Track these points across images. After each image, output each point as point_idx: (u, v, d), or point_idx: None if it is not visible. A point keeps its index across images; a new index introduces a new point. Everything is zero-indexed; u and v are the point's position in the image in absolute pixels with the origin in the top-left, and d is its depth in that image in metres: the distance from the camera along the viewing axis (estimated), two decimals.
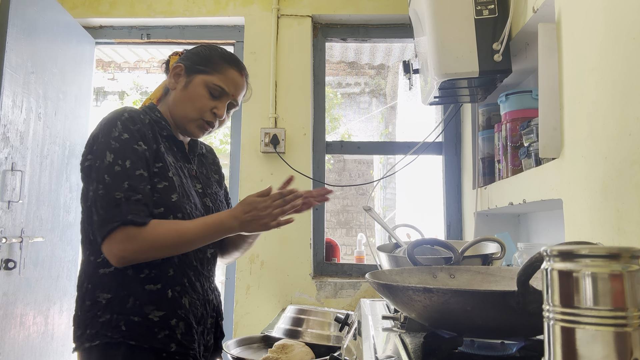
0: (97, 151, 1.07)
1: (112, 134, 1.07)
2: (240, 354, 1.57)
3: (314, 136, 2.38)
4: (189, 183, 1.19)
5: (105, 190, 1.03)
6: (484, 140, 1.83)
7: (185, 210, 1.12)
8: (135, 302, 1.06)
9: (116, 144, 1.06)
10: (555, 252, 0.49)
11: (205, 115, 1.20)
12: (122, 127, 1.08)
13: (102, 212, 1.02)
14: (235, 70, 1.22)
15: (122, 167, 1.04)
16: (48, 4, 2.12)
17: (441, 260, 1.19)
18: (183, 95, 1.20)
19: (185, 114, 1.19)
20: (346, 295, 2.18)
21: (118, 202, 1.02)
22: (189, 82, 1.20)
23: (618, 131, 0.87)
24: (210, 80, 1.19)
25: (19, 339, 1.92)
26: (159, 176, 1.10)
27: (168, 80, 1.23)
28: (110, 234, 1.01)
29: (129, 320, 1.04)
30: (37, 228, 2.03)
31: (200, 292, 1.16)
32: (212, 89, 1.19)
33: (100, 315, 1.05)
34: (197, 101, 1.18)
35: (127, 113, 1.10)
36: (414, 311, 0.77)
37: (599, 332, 0.46)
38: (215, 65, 1.20)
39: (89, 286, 1.08)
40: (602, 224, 0.92)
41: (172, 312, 1.08)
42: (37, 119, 2.04)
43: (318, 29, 2.44)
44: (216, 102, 1.20)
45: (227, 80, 1.21)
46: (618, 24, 0.88)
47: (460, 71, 1.42)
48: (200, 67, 1.20)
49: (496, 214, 1.90)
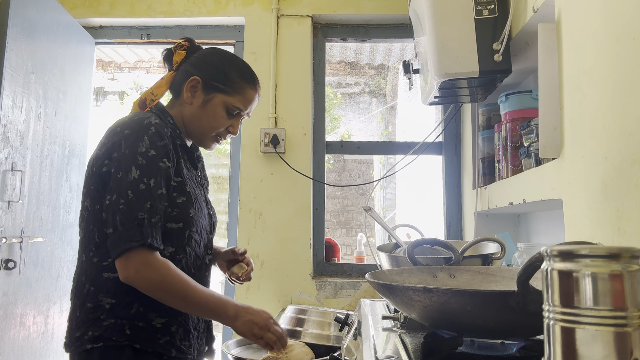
0: (121, 162, 1.05)
1: (138, 148, 1.05)
2: (240, 354, 1.57)
3: (314, 136, 2.38)
4: (200, 193, 1.20)
5: (128, 206, 1.02)
6: (484, 140, 1.83)
7: (199, 223, 1.14)
8: (139, 308, 1.06)
9: (143, 160, 1.05)
10: (555, 252, 0.49)
11: (221, 133, 1.22)
12: (149, 143, 1.06)
13: (121, 228, 1.01)
14: (253, 89, 1.22)
15: (146, 186, 1.04)
16: (48, 4, 2.12)
17: (441, 260, 1.19)
18: (201, 113, 1.19)
19: (202, 131, 1.20)
20: (346, 295, 2.18)
21: (140, 222, 1.01)
22: (207, 100, 1.18)
23: (618, 131, 0.87)
24: (230, 101, 1.19)
25: (19, 339, 1.92)
26: (178, 191, 1.11)
27: (185, 94, 1.19)
28: (127, 252, 1.01)
29: (133, 325, 1.05)
30: (37, 228, 2.03)
31: None
32: (230, 109, 1.20)
33: (103, 318, 1.04)
34: (214, 121, 1.19)
35: (154, 127, 1.08)
36: (414, 311, 0.77)
37: (599, 332, 0.46)
38: (234, 85, 1.19)
39: (92, 288, 1.07)
40: (602, 224, 0.92)
41: (173, 318, 1.10)
42: (37, 119, 2.04)
43: (318, 29, 2.44)
44: (232, 121, 1.22)
45: (246, 100, 1.21)
46: (618, 24, 0.88)
47: (460, 71, 1.42)
48: (220, 86, 1.19)
49: (496, 214, 1.90)
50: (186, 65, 1.22)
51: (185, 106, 1.20)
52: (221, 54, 1.23)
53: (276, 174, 2.27)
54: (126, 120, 1.11)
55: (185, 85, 1.19)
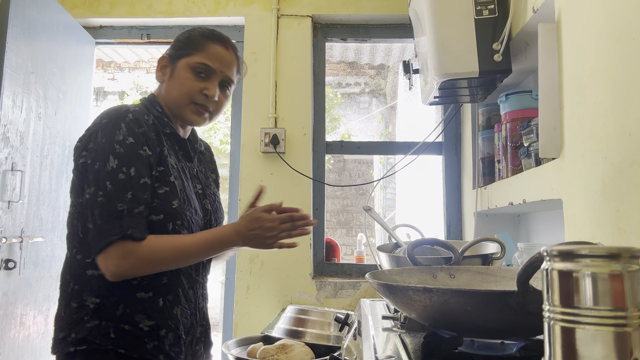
0: (98, 152, 1.01)
1: (115, 136, 1.01)
2: (240, 353, 1.57)
3: (314, 136, 2.38)
4: (190, 185, 1.14)
5: (106, 198, 0.97)
6: (484, 140, 1.83)
7: (185, 216, 1.07)
8: (126, 309, 1.00)
9: (121, 148, 1.00)
10: (555, 252, 0.49)
11: (195, 98, 1.13)
12: (126, 130, 1.01)
13: (100, 222, 0.97)
14: (218, 44, 1.16)
15: (126, 175, 0.99)
16: (48, 4, 2.12)
17: (441, 260, 1.19)
18: (171, 84, 1.15)
19: (177, 101, 1.14)
20: (346, 295, 2.18)
21: (120, 214, 0.96)
22: (173, 69, 1.15)
23: (618, 131, 0.87)
24: (193, 60, 1.13)
25: (19, 339, 1.92)
26: (160, 181, 1.05)
27: (156, 74, 1.18)
28: (107, 247, 0.96)
29: (118, 328, 0.99)
30: (37, 228, 2.03)
31: (192, 300, 1.12)
32: (196, 68, 1.13)
33: (87, 320, 0.99)
34: (183, 85, 1.13)
35: (132, 114, 1.04)
36: (414, 311, 0.77)
37: (599, 332, 0.46)
38: (196, 44, 1.15)
39: (76, 287, 1.02)
40: (602, 224, 0.92)
41: (163, 322, 1.04)
42: (37, 119, 2.04)
43: (318, 29, 2.44)
44: (205, 83, 1.14)
45: (210, 56, 1.14)
46: (618, 24, 0.88)
47: (460, 71, 1.42)
48: (183, 52, 1.15)
49: (496, 214, 1.90)
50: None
51: (161, 88, 1.18)
52: (188, 29, 1.20)
53: (276, 174, 2.27)
54: (106, 110, 1.07)
55: (157, 67, 1.18)
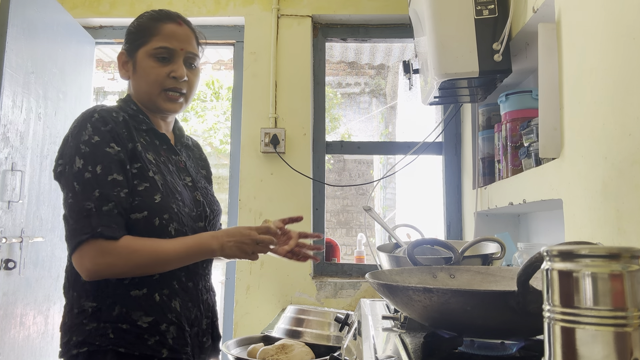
0: (67, 156, 1.01)
1: (81, 137, 1.00)
2: (240, 354, 1.57)
3: (314, 136, 2.38)
4: (176, 178, 1.12)
5: (75, 199, 0.97)
6: (484, 140, 1.83)
7: (171, 210, 1.05)
8: (122, 309, 1.01)
9: (86, 148, 0.99)
10: (555, 252, 0.49)
11: (165, 84, 1.11)
12: (92, 130, 1.01)
13: (71, 222, 0.97)
14: (169, 23, 1.13)
15: (92, 174, 0.98)
16: (48, 4, 2.12)
17: (441, 260, 1.19)
18: (136, 77, 1.12)
19: (147, 93, 1.12)
20: (346, 295, 2.18)
21: (88, 212, 0.96)
22: (134, 62, 1.12)
23: (618, 131, 0.87)
24: (150, 47, 1.11)
25: (19, 339, 1.92)
26: (138, 177, 1.03)
27: (119, 72, 1.16)
28: (79, 246, 0.96)
29: (117, 328, 1.00)
30: (37, 228, 2.03)
31: (193, 292, 1.11)
32: (156, 54, 1.11)
33: (86, 323, 1.00)
34: (149, 75, 1.11)
35: (98, 113, 1.03)
36: (414, 311, 0.77)
37: (599, 332, 0.46)
38: (148, 30, 1.12)
39: (74, 294, 1.03)
40: (602, 224, 0.92)
41: (162, 316, 1.03)
42: (37, 119, 2.04)
43: (318, 29, 2.44)
44: (170, 66, 1.11)
45: (166, 37, 1.11)
46: (618, 24, 0.88)
47: (460, 71, 1.42)
48: (138, 42, 1.12)
49: (496, 214, 1.90)
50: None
51: (129, 85, 1.16)
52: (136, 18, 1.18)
53: (276, 174, 2.27)
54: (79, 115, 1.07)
55: (118, 66, 1.16)
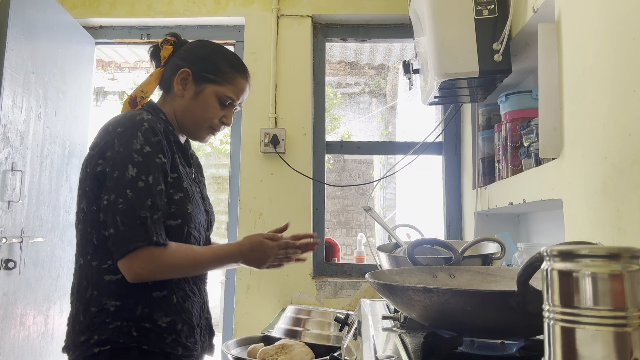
0: (116, 161, 1.04)
1: (133, 145, 1.05)
2: (240, 353, 1.57)
3: (314, 136, 2.38)
4: (195, 189, 1.19)
5: (128, 206, 1.01)
6: (484, 140, 1.83)
7: (197, 219, 1.14)
8: (144, 309, 1.06)
9: (139, 157, 1.04)
10: (555, 252, 0.49)
11: (214, 124, 1.22)
12: (143, 139, 1.06)
13: (123, 228, 1.01)
14: (244, 79, 1.23)
15: (145, 183, 1.03)
16: (48, 4, 2.12)
17: (441, 260, 1.19)
18: (193, 105, 1.19)
19: (196, 123, 1.20)
20: (346, 295, 2.18)
21: (143, 220, 1.01)
22: (199, 92, 1.18)
23: (618, 131, 0.87)
24: (222, 92, 1.19)
25: (19, 339, 1.92)
26: (175, 187, 1.10)
27: (175, 87, 1.19)
28: (132, 252, 1.01)
29: (140, 327, 1.05)
30: (37, 228, 2.03)
31: (198, 294, 1.18)
32: (223, 99, 1.20)
33: (109, 322, 1.04)
34: (207, 112, 1.19)
35: (147, 123, 1.08)
36: (414, 311, 0.77)
37: (599, 332, 0.46)
38: (225, 74, 1.19)
39: (95, 293, 1.06)
40: (602, 224, 0.92)
41: (178, 317, 1.10)
42: (37, 119, 2.04)
43: (318, 29, 2.44)
44: (224, 112, 1.22)
45: (237, 90, 1.21)
46: (618, 24, 0.88)
47: (460, 71, 1.42)
48: (210, 77, 1.19)
49: (496, 214, 1.90)
50: (174, 59, 1.21)
51: (176, 100, 1.20)
52: (209, 46, 1.23)
53: (276, 174, 2.27)
54: (118, 118, 1.11)
55: (176, 78, 1.19)
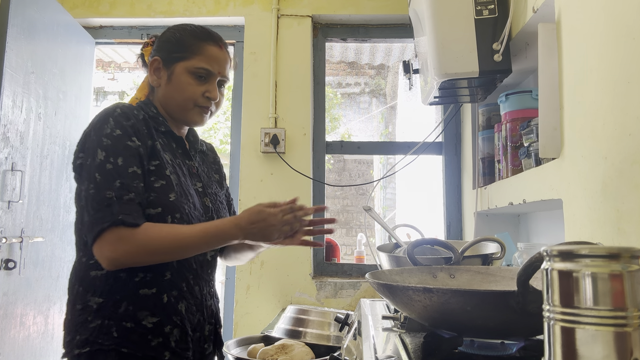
0: (89, 149, 1.03)
1: (103, 130, 1.02)
2: (240, 354, 1.57)
3: (314, 136, 2.38)
4: (188, 182, 1.14)
5: (96, 189, 0.98)
6: (484, 140, 1.83)
7: (183, 210, 1.07)
8: (129, 307, 1.00)
9: (108, 140, 1.01)
10: (555, 252, 0.49)
11: (198, 101, 1.14)
12: (114, 124, 1.03)
13: (92, 212, 0.97)
14: (213, 45, 1.16)
15: (113, 165, 0.99)
16: (48, 4, 2.12)
17: (441, 260, 1.19)
18: (170, 89, 1.14)
19: (180, 106, 1.15)
20: (346, 295, 2.18)
21: (109, 201, 0.97)
22: (170, 74, 1.14)
23: (618, 131, 0.87)
24: (191, 65, 1.13)
25: (19, 339, 1.92)
26: (156, 174, 1.05)
27: (150, 78, 1.17)
28: (100, 234, 0.96)
29: (121, 326, 0.99)
30: (37, 228, 2.03)
31: (198, 297, 1.11)
32: (196, 73, 1.13)
33: (90, 320, 0.99)
34: (185, 90, 1.13)
35: (120, 109, 1.06)
36: (414, 311, 0.77)
37: (599, 332, 0.46)
38: (191, 47, 1.14)
39: (80, 289, 1.03)
40: (602, 224, 0.92)
41: (167, 318, 1.03)
42: (37, 119, 2.04)
43: (318, 29, 2.44)
44: (205, 86, 1.14)
45: (208, 59, 1.14)
46: (618, 24, 0.88)
47: (460, 71, 1.42)
48: (177, 55, 1.14)
49: (496, 214, 1.90)
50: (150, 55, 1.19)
51: (157, 91, 1.17)
52: (174, 28, 1.19)
53: (276, 174, 2.27)
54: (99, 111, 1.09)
55: (149, 70, 1.17)
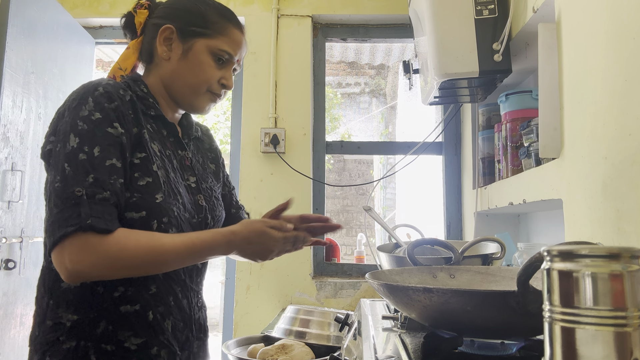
0: (60, 132, 0.86)
1: (80, 112, 0.85)
2: (240, 354, 1.57)
3: (314, 136, 2.38)
4: (178, 177, 0.98)
5: (64, 183, 0.81)
6: (484, 140, 1.83)
7: (172, 212, 0.91)
8: (108, 326, 0.85)
9: (84, 125, 0.84)
10: (555, 252, 0.49)
11: (213, 87, 1.01)
12: (93, 105, 0.86)
13: (56, 211, 0.80)
14: (237, 29, 1.03)
15: (87, 155, 0.82)
16: (48, 4, 2.12)
17: (441, 260, 1.19)
18: (183, 66, 0.99)
19: (191, 88, 1.00)
20: (346, 295, 2.18)
21: (78, 200, 0.79)
22: (188, 49, 0.98)
23: (618, 131, 0.87)
24: (215, 45, 0.99)
25: (19, 339, 1.92)
26: (141, 170, 0.89)
27: (159, 48, 0.99)
28: (62, 240, 0.78)
29: (99, 349, 0.84)
30: (37, 228, 2.03)
31: (187, 311, 0.96)
32: (217, 55, 1.00)
33: (63, 340, 0.84)
34: (203, 72, 0.99)
35: (103, 87, 0.88)
36: (414, 311, 0.77)
37: (599, 332, 0.46)
38: (215, 25, 1.00)
39: (50, 302, 0.87)
40: (602, 224, 0.92)
41: (154, 338, 0.88)
42: (37, 119, 2.04)
43: (318, 29, 2.44)
44: (222, 71, 1.01)
45: (233, 42, 1.01)
46: (618, 24, 0.88)
47: (460, 71, 1.42)
48: (199, 29, 0.99)
49: (496, 214, 1.90)
50: (152, 20, 1.02)
51: (162, 65, 1.00)
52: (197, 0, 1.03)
53: (276, 174, 2.27)
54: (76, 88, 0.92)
55: (158, 38, 0.99)
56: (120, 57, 1.04)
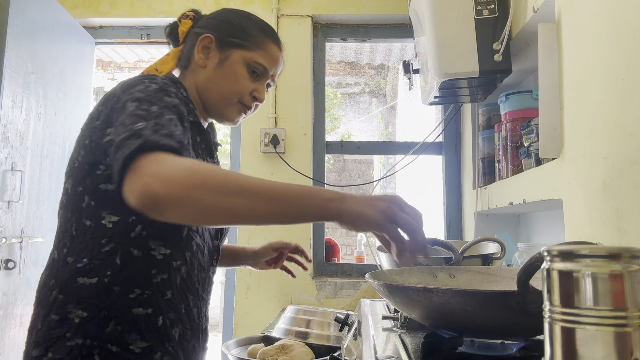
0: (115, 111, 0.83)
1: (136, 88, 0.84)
2: (240, 354, 1.57)
3: (314, 136, 2.38)
4: None
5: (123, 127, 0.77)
6: (484, 140, 1.83)
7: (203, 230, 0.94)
8: (117, 327, 0.83)
9: (139, 93, 0.83)
10: (555, 252, 0.49)
11: (244, 98, 1.03)
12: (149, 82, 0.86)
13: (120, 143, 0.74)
14: (276, 45, 1.06)
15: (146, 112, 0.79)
16: (48, 4, 2.12)
17: (441, 260, 1.19)
18: (218, 75, 1.00)
19: (223, 97, 1.01)
20: (346, 295, 2.18)
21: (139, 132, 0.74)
22: (224, 58, 1.01)
23: (618, 131, 0.87)
24: (251, 57, 1.01)
25: (19, 339, 1.92)
26: None
27: (197, 55, 1.02)
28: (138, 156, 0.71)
29: (105, 350, 0.82)
30: (37, 228, 2.03)
31: (195, 320, 0.95)
32: (252, 67, 1.01)
33: (69, 337, 0.82)
34: (236, 82, 1.01)
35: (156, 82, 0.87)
36: (414, 311, 0.77)
37: (599, 332, 0.46)
38: (254, 38, 1.02)
39: (60, 296, 0.85)
40: (602, 224, 0.92)
41: (159, 344, 0.87)
42: (37, 119, 2.04)
43: (318, 29, 2.44)
44: (256, 84, 1.03)
45: (270, 58, 1.04)
46: (618, 24, 0.88)
47: (460, 71, 1.42)
48: (237, 41, 1.01)
49: (496, 214, 1.90)
50: (194, 30, 1.05)
51: (198, 72, 1.02)
52: (234, 11, 1.07)
53: (276, 174, 2.27)
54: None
55: (197, 46, 1.02)
56: (159, 61, 1.04)
